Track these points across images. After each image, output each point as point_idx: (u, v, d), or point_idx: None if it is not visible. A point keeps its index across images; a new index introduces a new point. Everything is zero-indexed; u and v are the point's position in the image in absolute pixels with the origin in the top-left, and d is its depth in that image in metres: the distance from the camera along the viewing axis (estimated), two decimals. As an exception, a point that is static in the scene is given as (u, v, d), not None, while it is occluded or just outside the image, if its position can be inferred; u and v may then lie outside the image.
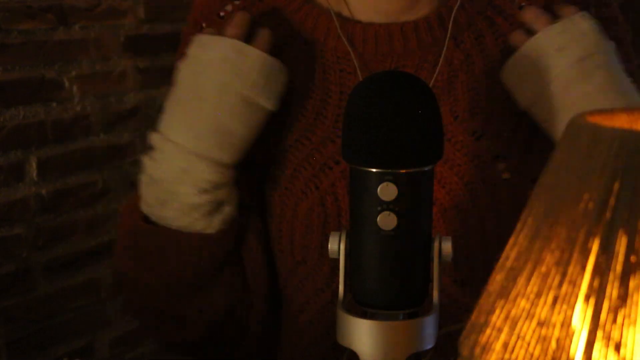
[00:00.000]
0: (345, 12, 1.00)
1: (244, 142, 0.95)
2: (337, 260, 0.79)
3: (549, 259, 0.49)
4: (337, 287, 0.79)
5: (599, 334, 0.46)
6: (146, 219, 0.97)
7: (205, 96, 0.93)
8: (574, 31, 0.93)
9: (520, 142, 1.00)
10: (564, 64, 0.92)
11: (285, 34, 1.01)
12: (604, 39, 0.95)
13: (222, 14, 1.03)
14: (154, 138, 0.96)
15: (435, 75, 0.98)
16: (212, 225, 0.96)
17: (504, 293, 0.52)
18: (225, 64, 0.92)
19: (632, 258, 0.46)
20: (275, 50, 1.00)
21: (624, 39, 1.03)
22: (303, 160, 1.00)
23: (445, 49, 0.98)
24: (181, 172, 0.93)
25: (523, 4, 1.00)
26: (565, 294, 0.48)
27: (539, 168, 0.96)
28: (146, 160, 0.96)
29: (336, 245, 0.78)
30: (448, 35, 0.98)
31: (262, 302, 1.03)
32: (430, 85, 0.98)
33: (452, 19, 0.98)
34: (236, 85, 0.92)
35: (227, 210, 0.96)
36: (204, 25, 1.03)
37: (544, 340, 0.48)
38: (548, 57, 0.93)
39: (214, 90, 0.92)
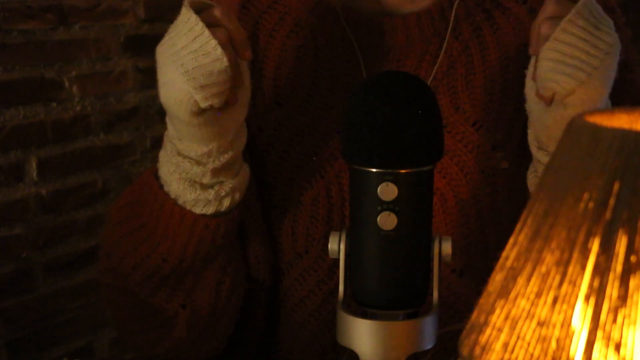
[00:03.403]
0: (349, 4, 1.01)
1: None
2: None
3: (549, 259, 0.49)
4: (339, 280, 0.79)
5: (599, 334, 0.46)
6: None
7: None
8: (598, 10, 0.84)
9: (519, 132, 1.00)
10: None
11: (291, 24, 1.02)
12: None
13: None
14: None
15: (435, 67, 0.98)
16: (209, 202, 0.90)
17: (504, 293, 0.52)
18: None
19: (632, 258, 0.46)
20: (281, 40, 1.01)
21: (620, 28, 1.03)
22: (309, 151, 1.01)
23: (446, 42, 0.99)
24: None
25: None
26: (565, 294, 0.48)
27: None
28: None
29: (336, 245, 0.78)
30: (450, 27, 0.99)
31: (265, 293, 1.01)
32: (431, 76, 0.99)
33: (454, 10, 0.99)
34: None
35: (228, 187, 0.90)
36: None
37: (544, 340, 0.48)
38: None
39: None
